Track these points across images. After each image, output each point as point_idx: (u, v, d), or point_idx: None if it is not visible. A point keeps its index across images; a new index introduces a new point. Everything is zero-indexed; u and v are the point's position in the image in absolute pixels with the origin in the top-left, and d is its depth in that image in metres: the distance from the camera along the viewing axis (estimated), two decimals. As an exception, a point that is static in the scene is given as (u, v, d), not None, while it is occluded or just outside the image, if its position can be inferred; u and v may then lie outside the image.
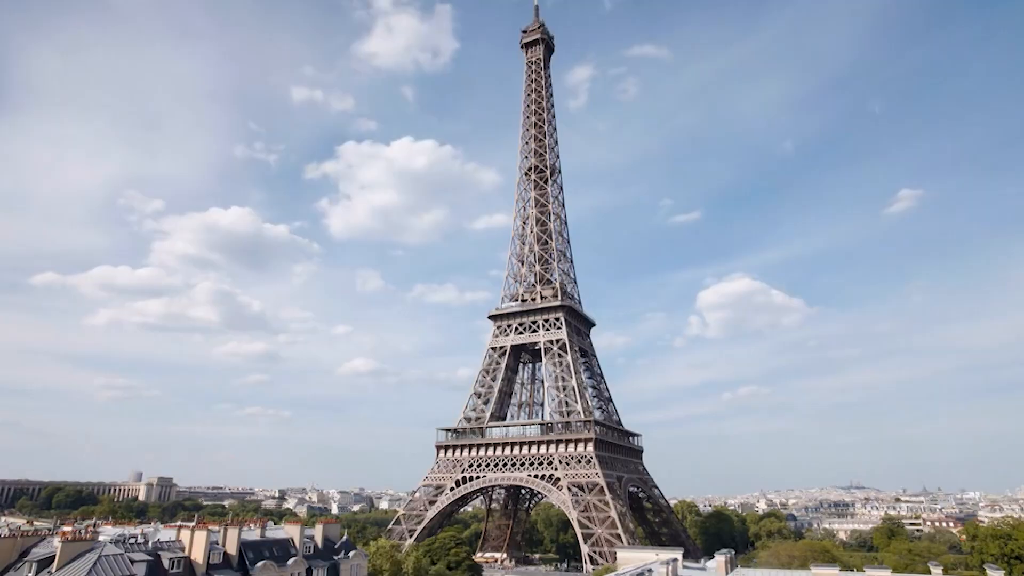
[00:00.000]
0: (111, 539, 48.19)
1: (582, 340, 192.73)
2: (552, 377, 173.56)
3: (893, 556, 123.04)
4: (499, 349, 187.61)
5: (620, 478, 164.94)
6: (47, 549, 45.49)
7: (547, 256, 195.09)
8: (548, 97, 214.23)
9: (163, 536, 53.98)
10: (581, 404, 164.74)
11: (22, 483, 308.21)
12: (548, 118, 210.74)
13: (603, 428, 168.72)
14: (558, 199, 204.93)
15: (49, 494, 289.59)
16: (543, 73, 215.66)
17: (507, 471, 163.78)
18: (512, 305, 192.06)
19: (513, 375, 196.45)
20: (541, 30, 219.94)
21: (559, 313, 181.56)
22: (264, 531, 61.63)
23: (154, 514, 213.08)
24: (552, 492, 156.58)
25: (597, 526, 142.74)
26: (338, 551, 66.30)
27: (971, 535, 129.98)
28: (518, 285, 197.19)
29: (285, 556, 58.94)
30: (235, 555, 54.31)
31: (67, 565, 42.17)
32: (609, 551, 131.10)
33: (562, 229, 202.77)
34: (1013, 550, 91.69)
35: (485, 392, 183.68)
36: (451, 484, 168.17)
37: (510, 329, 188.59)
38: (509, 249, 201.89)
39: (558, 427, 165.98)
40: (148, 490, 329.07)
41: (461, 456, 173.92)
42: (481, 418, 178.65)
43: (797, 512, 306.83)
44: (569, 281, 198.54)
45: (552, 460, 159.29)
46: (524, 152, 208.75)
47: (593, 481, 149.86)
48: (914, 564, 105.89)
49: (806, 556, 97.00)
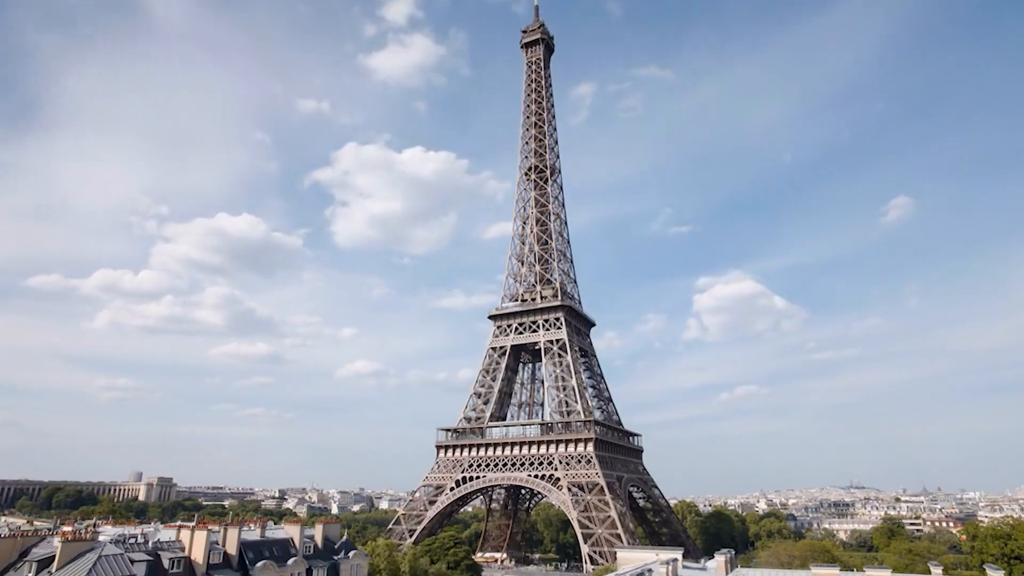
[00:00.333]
0: (111, 539, 48.19)
1: (582, 340, 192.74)
2: (552, 377, 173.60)
3: (893, 556, 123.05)
4: (499, 349, 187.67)
5: (620, 478, 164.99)
6: (47, 549, 45.48)
7: (547, 256, 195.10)
8: (548, 97, 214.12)
9: (163, 536, 53.98)
10: (581, 404, 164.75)
11: (22, 483, 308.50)
12: (548, 118, 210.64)
13: (603, 428, 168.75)
14: (558, 199, 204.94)
15: (49, 494, 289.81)
16: (543, 73, 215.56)
17: (507, 471, 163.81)
18: (512, 305, 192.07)
19: (513, 375, 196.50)
20: (541, 30, 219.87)
21: (559, 313, 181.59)
22: (264, 531, 61.63)
23: (154, 514, 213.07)
24: (552, 492, 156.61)
25: (597, 526, 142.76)
26: (338, 551, 66.27)
27: (971, 535, 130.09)
28: (518, 285, 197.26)
29: (285, 556, 58.93)
30: (235, 555, 54.31)
31: (67, 565, 42.16)
32: (609, 551, 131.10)
33: (562, 229, 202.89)
34: (1013, 550, 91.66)
35: (485, 392, 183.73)
36: (451, 484, 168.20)
37: (510, 329, 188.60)
38: (509, 249, 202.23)
39: (558, 427, 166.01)
40: (148, 490, 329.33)
41: (461, 456, 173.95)
42: (481, 418, 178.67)
43: (797, 512, 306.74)
44: (569, 281, 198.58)
45: (552, 460, 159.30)
46: (524, 152, 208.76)
47: (593, 481, 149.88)
48: (914, 564, 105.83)
49: (806, 556, 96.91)
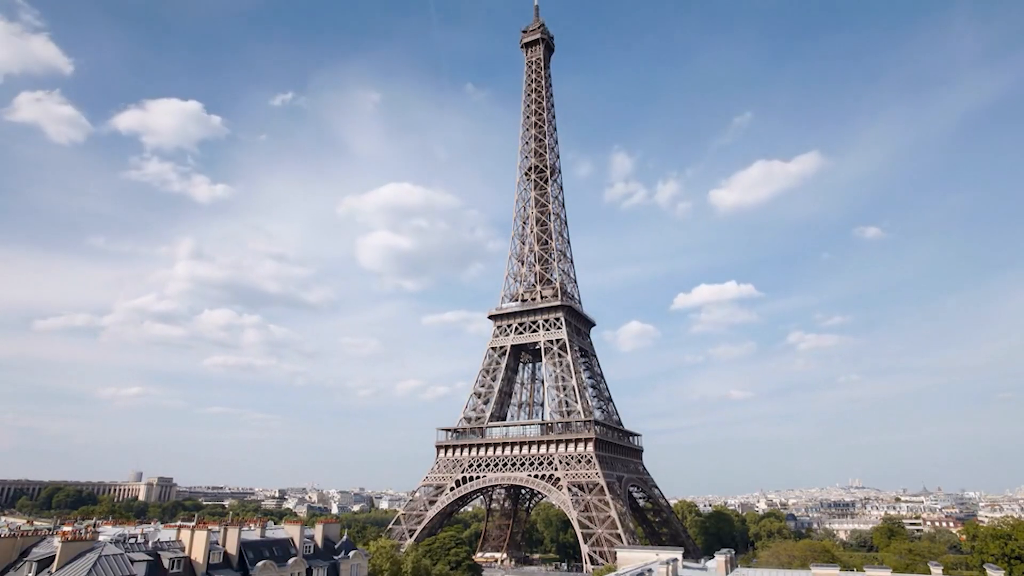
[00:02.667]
0: (111, 539, 48.23)
1: (582, 340, 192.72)
2: (552, 377, 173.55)
3: (893, 556, 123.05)
4: (499, 349, 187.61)
5: (620, 478, 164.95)
6: (47, 549, 45.49)
7: (547, 256, 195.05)
8: (548, 97, 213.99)
9: (163, 536, 54.02)
10: (581, 404, 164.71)
11: (22, 483, 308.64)
12: (548, 118, 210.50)
13: (603, 428, 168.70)
14: (558, 199, 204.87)
15: (49, 494, 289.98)
16: (543, 73, 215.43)
17: (507, 471, 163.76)
18: (512, 305, 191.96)
19: (513, 375, 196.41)
20: (541, 30, 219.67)
21: (559, 313, 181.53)
22: (264, 531, 61.67)
23: (154, 514, 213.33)
24: (552, 492, 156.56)
25: (597, 526, 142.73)
26: (338, 551, 66.26)
27: (971, 535, 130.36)
28: (518, 285, 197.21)
29: (285, 556, 58.94)
30: (235, 555, 54.34)
31: (67, 565, 42.18)
32: (609, 551, 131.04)
33: (562, 229, 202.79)
34: (1013, 550, 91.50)
35: (485, 392, 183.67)
36: (451, 484, 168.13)
37: (510, 329, 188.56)
38: (509, 249, 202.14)
39: (558, 427, 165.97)
40: (148, 490, 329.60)
41: (461, 456, 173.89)
42: (481, 418, 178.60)
43: (797, 512, 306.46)
44: (569, 281, 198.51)
45: (552, 460, 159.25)
46: (524, 152, 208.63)
47: (593, 481, 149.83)
48: (914, 564, 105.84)
49: (806, 556, 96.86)
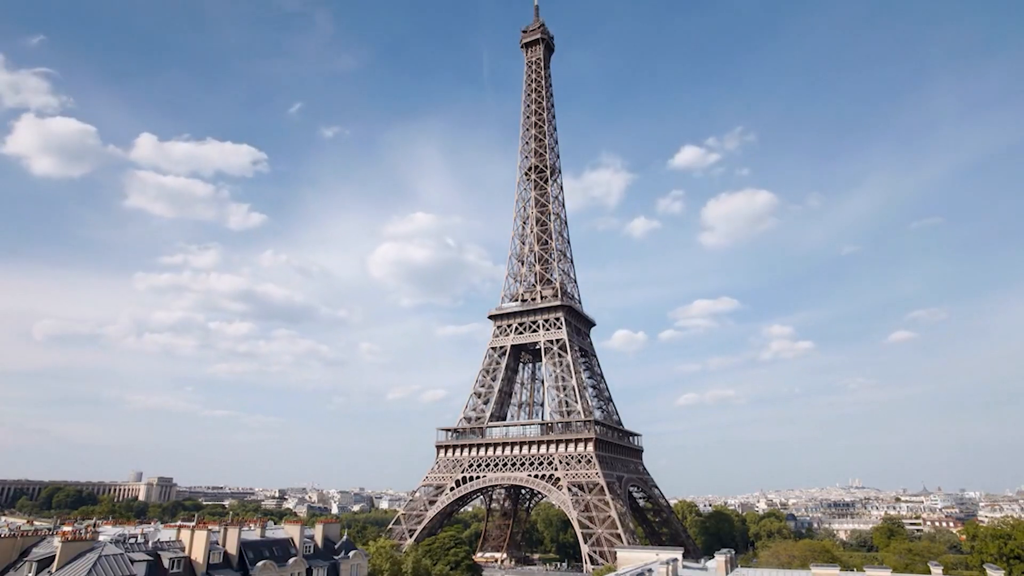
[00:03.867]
0: (111, 539, 48.23)
1: (582, 340, 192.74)
2: (552, 377, 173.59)
3: (893, 556, 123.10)
4: (499, 349, 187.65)
5: (620, 478, 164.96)
6: (47, 549, 45.49)
7: (547, 256, 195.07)
8: (548, 97, 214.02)
9: (163, 536, 54.04)
10: (581, 404, 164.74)
11: (22, 483, 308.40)
12: (548, 118, 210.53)
13: (603, 428, 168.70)
14: (558, 199, 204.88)
15: (49, 494, 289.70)
16: (543, 73, 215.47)
17: (507, 471, 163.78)
18: (512, 305, 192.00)
19: (513, 375, 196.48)
20: (541, 30, 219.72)
21: (559, 313, 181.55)
22: (264, 531, 61.67)
23: (154, 514, 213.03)
24: (552, 492, 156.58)
25: (597, 526, 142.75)
26: (338, 551, 66.28)
27: (971, 535, 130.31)
28: (518, 285, 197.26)
29: (285, 556, 58.96)
30: (235, 555, 54.35)
31: (67, 565, 42.20)
32: (609, 551, 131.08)
33: (562, 229, 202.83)
34: (1013, 550, 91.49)
35: (485, 392, 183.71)
36: (451, 484, 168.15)
37: (510, 329, 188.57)
38: (509, 249, 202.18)
39: (558, 427, 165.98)
40: (148, 490, 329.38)
41: (461, 456, 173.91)
42: (481, 418, 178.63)
43: (797, 512, 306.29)
44: (569, 281, 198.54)
45: (552, 460, 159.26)
46: (524, 152, 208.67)
47: (593, 481, 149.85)
48: (914, 564, 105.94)
49: (806, 556, 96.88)
